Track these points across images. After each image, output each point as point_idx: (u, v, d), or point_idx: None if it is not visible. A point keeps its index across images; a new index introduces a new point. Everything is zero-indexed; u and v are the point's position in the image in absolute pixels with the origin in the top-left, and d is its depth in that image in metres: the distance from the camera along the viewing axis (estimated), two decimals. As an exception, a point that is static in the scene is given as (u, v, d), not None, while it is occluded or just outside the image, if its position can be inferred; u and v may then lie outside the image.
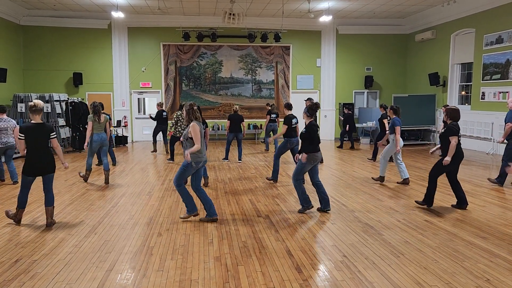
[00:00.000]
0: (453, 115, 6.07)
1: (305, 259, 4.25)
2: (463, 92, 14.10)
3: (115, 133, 14.32)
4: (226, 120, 11.22)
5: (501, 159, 8.20)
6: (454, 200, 6.68)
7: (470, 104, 13.36)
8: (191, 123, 5.31)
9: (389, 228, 5.26)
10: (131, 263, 4.14)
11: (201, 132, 5.37)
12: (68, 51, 14.95)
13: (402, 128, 14.79)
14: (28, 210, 6.09)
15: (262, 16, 15.30)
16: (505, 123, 7.64)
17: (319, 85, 16.66)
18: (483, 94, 12.48)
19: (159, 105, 12.30)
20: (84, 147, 8.14)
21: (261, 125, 16.07)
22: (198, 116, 5.40)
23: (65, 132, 13.51)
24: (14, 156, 10.63)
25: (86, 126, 10.44)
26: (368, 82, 16.53)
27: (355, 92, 16.90)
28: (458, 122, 6.11)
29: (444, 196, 6.92)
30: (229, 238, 4.87)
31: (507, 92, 11.52)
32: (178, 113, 9.91)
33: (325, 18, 13.35)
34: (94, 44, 15.15)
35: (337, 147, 13.88)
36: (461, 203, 6.20)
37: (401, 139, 7.76)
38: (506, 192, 7.26)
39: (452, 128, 5.99)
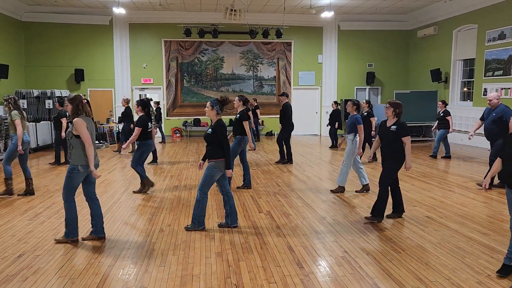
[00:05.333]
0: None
1: (306, 254, 4.26)
2: (465, 89, 14.07)
3: (116, 129, 14.27)
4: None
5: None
6: (453, 196, 6.69)
7: (472, 101, 13.33)
8: (76, 118, 4.41)
9: (390, 224, 5.26)
10: (133, 259, 4.16)
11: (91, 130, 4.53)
12: (70, 47, 14.96)
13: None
14: (31, 205, 6.12)
15: (264, 12, 15.25)
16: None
17: (321, 81, 16.64)
18: (485, 90, 12.43)
19: (126, 101, 11.20)
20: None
21: (262, 121, 16.08)
22: (87, 110, 4.53)
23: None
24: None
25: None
26: (370, 78, 16.49)
27: (356, 88, 16.86)
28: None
29: (445, 193, 6.93)
30: (231, 234, 4.89)
31: (509, 88, 11.48)
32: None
33: (327, 14, 13.31)
34: (96, 40, 15.15)
35: (330, 147, 12.68)
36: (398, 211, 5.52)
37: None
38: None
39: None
